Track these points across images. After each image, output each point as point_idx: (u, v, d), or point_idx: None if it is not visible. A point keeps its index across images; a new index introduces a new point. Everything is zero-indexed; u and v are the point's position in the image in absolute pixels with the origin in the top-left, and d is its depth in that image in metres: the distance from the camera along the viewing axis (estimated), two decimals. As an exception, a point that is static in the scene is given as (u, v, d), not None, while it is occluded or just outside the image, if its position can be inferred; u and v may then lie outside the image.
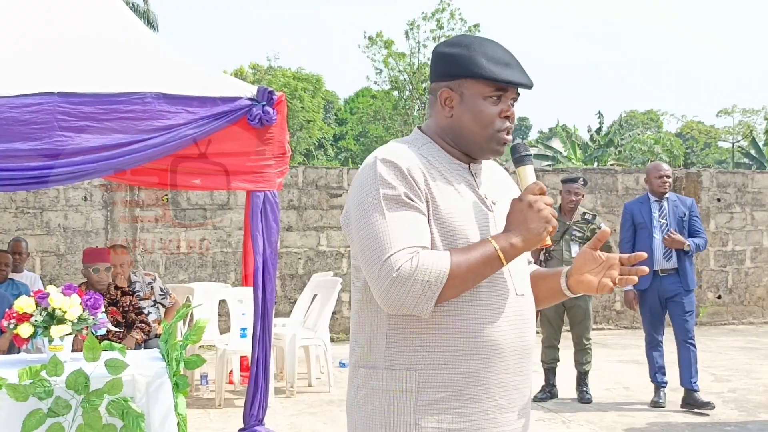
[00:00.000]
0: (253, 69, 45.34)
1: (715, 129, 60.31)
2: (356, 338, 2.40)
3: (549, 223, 2.27)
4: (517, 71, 2.36)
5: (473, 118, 2.35)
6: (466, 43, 2.38)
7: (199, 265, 11.35)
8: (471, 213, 2.33)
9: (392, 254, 2.15)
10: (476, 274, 2.21)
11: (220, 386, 7.65)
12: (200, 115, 5.73)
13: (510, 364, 2.32)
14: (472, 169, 2.43)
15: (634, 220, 7.64)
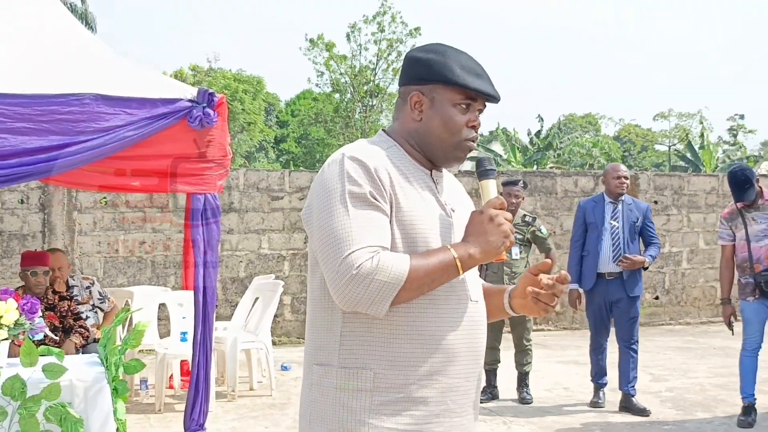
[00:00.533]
0: (193, 70, 45.04)
1: (652, 132, 61.31)
2: (311, 335, 2.41)
3: (507, 238, 2.31)
4: (488, 83, 2.43)
5: (442, 123, 2.40)
6: (441, 51, 2.43)
7: (138, 268, 11.22)
8: (432, 218, 2.36)
9: (353, 251, 2.16)
10: (433, 279, 2.23)
11: (160, 391, 7.57)
12: (139, 116, 5.66)
13: (462, 369, 2.35)
14: (434, 176, 2.47)
15: (586, 219, 7.63)
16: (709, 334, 12.61)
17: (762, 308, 6.98)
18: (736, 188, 6.93)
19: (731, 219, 7.12)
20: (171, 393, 8.12)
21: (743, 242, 7.01)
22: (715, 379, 9.00)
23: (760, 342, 7.05)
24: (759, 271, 6.89)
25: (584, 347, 10.20)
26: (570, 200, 13.16)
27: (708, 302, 13.91)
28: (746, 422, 6.95)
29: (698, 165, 32.20)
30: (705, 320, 13.82)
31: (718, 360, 10.22)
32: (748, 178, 6.88)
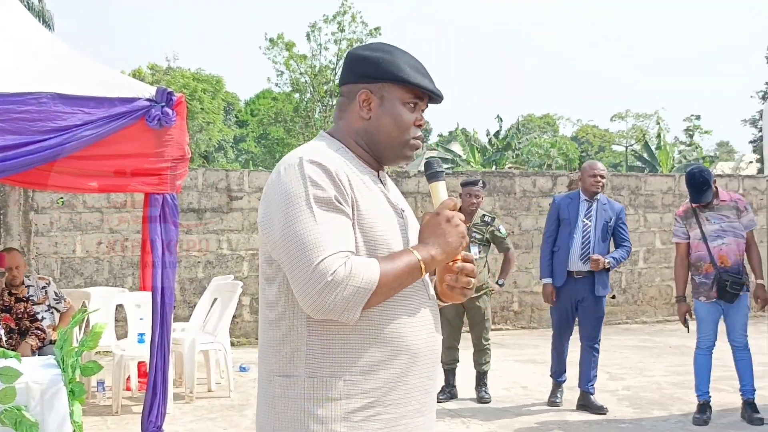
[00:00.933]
0: (152, 69, 44.71)
1: (609, 133, 61.89)
2: (270, 345, 2.33)
3: (464, 239, 2.34)
4: (433, 83, 2.44)
5: (392, 121, 2.40)
6: (388, 50, 2.43)
7: (95, 269, 11.12)
8: (389, 220, 2.36)
9: (325, 257, 2.12)
10: (400, 283, 2.23)
11: (117, 393, 7.50)
12: (97, 116, 5.61)
13: (425, 368, 2.35)
14: (381, 177, 2.47)
15: (560, 215, 7.58)
16: (665, 332, 12.75)
17: (715, 308, 7.07)
18: (694, 189, 6.99)
19: (686, 217, 7.19)
20: (128, 395, 8.06)
21: (697, 241, 7.09)
22: (671, 378, 9.10)
23: (713, 340, 7.14)
24: (719, 269, 6.96)
25: (542, 346, 10.28)
26: (528, 200, 13.24)
27: (664, 301, 14.06)
28: (701, 420, 7.04)
29: (655, 165, 32.51)
30: (661, 319, 13.97)
31: (674, 358, 10.34)
32: (706, 179, 6.95)
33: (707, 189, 6.95)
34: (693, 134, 50.16)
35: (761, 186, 14.46)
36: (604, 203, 7.56)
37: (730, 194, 7.22)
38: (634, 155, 40.40)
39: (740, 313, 7.06)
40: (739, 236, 7.04)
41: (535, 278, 13.04)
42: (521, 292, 13.14)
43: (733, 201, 7.12)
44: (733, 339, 7.10)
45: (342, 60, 37.59)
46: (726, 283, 6.93)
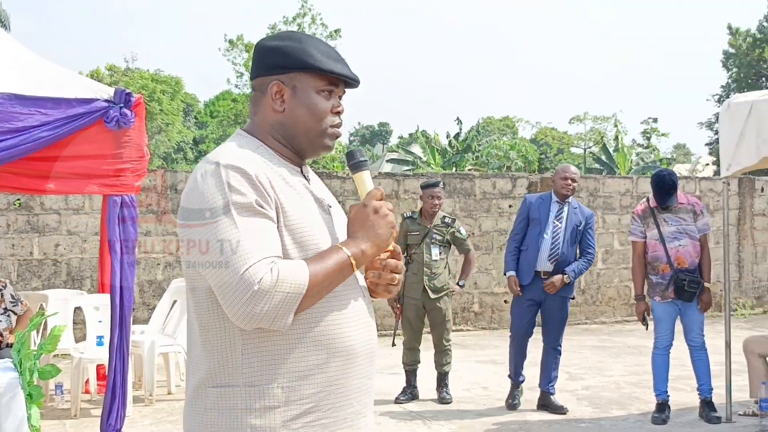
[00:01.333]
0: (110, 70, 44.38)
1: (567, 135, 62.33)
2: (201, 356, 2.22)
3: (394, 229, 2.28)
4: (347, 67, 2.35)
5: (307, 111, 2.30)
6: (297, 37, 2.34)
7: (53, 271, 11.01)
8: (316, 218, 2.28)
9: (251, 266, 2.04)
10: (331, 282, 2.17)
11: (75, 396, 7.43)
12: (54, 117, 5.57)
13: (362, 368, 2.29)
14: (304, 172, 2.39)
15: (530, 214, 7.54)
16: (623, 333, 12.87)
17: (672, 307, 7.16)
18: (661, 192, 7.04)
19: (644, 217, 7.26)
20: (87, 398, 7.99)
21: (654, 242, 7.17)
22: (630, 377, 9.19)
23: (670, 340, 7.21)
24: (676, 270, 7.05)
25: (502, 347, 10.31)
26: (488, 202, 13.30)
27: (623, 302, 14.19)
28: (660, 419, 7.11)
29: (613, 167, 32.77)
30: (620, 319, 14.09)
31: (632, 358, 10.43)
32: (674, 183, 7.05)
33: (674, 192, 7.04)
34: (650, 137, 50.68)
35: (717, 188, 14.65)
36: (575, 207, 7.58)
37: (687, 197, 7.32)
38: (593, 157, 40.72)
39: (697, 313, 7.15)
40: (695, 239, 7.14)
41: (495, 279, 13.11)
42: (482, 293, 13.19)
43: (690, 204, 7.21)
44: (691, 339, 7.18)
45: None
46: (683, 282, 7.02)
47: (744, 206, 15.04)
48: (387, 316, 11.24)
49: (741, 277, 15.00)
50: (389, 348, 8.38)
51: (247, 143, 2.30)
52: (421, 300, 7.91)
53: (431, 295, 7.90)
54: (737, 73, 41.90)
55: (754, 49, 40.64)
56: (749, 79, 40.58)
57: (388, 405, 7.87)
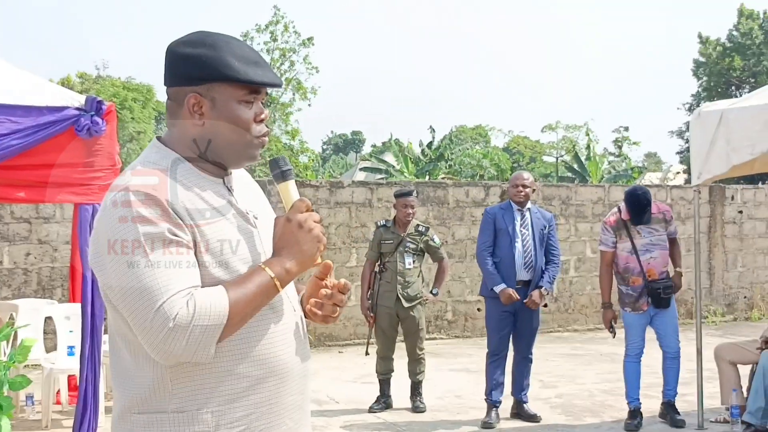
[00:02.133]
0: (81, 78, 44.15)
1: (540, 144, 62.71)
2: (127, 382, 2.12)
3: (321, 243, 2.18)
4: (267, 70, 2.21)
5: (230, 124, 2.16)
6: (210, 42, 2.15)
7: (23, 281, 10.90)
8: (240, 235, 2.17)
9: (164, 302, 1.94)
10: (254, 307, 2.08)
11: (46, 407, 7.35)
12: (25, 125, 5.53)
13: (296, 384, 2.24)
14: (227, 183, 2.24)
15: (496, 225, 7.46)
16: (596, 340, 12.90)
17: (643, 317, 7.20)
18: (636, 210, 7.05)
19: (617, 228, 7.28)
20: (58, 409, 7.90)
21: (627, 254, 7.21)
22: (603, 385, 9.22)
23: (642, 347, 7.25)
24: (647, 282, 7.11)
25: (476, 355, 10.33)
26: (461, 210, 13.32)
27: (595, 309, 14.23)
28: (632, 425, 7.14)
29: (585, 176, 32.95)
30: (592, 327, 14.13)
31: (605, 366, 10.47)
32: (649, 201, 7.07)
33: (648, 210, 7.08)
34: (622, 145, 51.08)
35: (688, 196, 14.75)
36: (535, 212, 7.56)
37: (658, 205, 7.37)
38: (565, 166, 40.93)
39: (671, 318, 7.21)
40: (665, 249, 7.22)
41: (468, 287, 13.12)
42: (455, 301, 13.20)
43: (661, 213, 7.29)
44: (667, 345, 7.23)
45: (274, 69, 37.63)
46: (658, 291, 7.07)
47: (715, 214, 15.16)
48: (360, 324, 11.24)
49: (712, 285, 15.10)
50: (363, 357, 8.37)
51: (162, 158, 2.16)
52: (395, 308, 7.90)
53: (405, 304, 7.89)
54: (707, 82, 42.30)
55: (724, 58, 41.06)
56: (719, 87, 40.98)
57: (362, 414, 7.85)
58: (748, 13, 41.43)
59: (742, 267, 15.42)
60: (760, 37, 40.78)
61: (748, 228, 15.45)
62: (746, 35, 40.96)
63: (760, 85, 32.91)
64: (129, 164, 2.23)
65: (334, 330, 12.07)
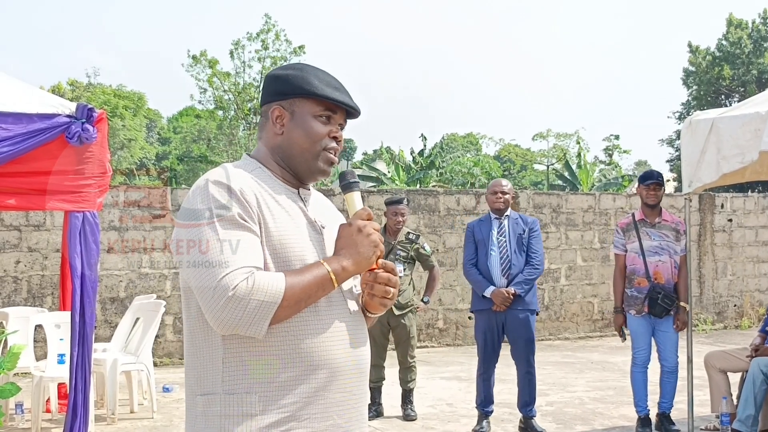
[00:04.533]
0: (72, 86, 44.06)
1: (531, 152, 62.77)
2: (192, 364, 2.34)
3: (377, 248, 2.37)
4: (346, 96, 2.47)
5: (303, 134, 2.42)
6: (300, 67, 2.47)
7: (13, 289, 10.87)
8: (302, 236, 2.36)
9: (228, 273, 2.14)
10: (309, 295, 2.24)
11: (36, 415, 7.32)
12: (15, 132, 5.52)
13: (347, 383, 2.34)
14: (302, 194, 2.48)
15: (475, 237, 7.45)
16: (587, 348, 12.94)
17: (647, 321, 7.19)
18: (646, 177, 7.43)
19: (627, 230, 7.35)
20: (48, 417, 7.88)
21: (634, 254, 7.25)
22: (593, 393, 9.23)
23: (648, 355, 7.24)
24: (653, 284, 7.13)
25: (467, 363, 10.34)
26: (452, 218, 13.34)
27: (586, 317, 14.27)
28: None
29: (576, 184, 33.03)
30: (583, 335, 14.17)
31: (595, 374, 10.49)
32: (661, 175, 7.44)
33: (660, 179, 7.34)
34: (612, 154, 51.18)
35: (679, 204, 14.79)
36: (515, 218, 7.45)
37: (672, 216, 7.44)
38: (556, 174, 41.03)
39: (671, 332, 7.20)
40: (674, 257, 7.23)
41: (459, 295, 13.14)
42: (446, 309, 13.21)
43: (674, 223, 7.34)
44: (664, 359, 7.23)
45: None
46: (658, 295, 7.08)
47: (705, 222, 15.21)
48: (351, 332, 11.22)
49: (702, 293, 15.15)
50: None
51: (246, 164, 2.43)
52: (386, 317, 7.89)
53: (396, 312, 7.89)
54: (697, 91, 42.47)
55: (714, 67, 41.24)
56: (709, 96, 41.14)
57: (353, 422, 7.83)
58: (737, 23, 41.64)
59: (731, 275, 15.47)
60: (750, 46, 40.97)
61: (738, 236, 15.51)
62: (735, 44, 41.15)
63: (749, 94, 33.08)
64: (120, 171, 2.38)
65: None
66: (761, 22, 41.23)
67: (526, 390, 7.37)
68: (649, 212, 7.33)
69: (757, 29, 41.25)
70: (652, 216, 7.32)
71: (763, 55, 40.34)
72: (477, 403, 7.49)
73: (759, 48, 40.79)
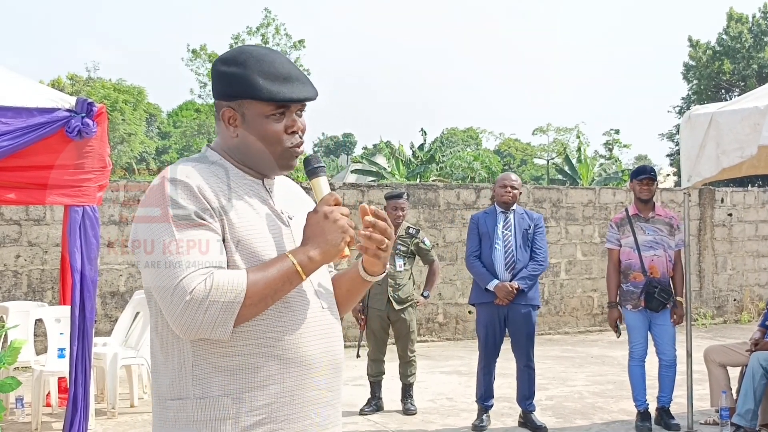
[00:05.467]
0: (71, 80, 44.05)
1: (531, 146, 62.73)
2: (161, 369, 2.26)
3: (346, 233, 2.26)
4: (298, 84, 2.30)
5: (259, 138, 2.29)
6: (242, 60, 2.27)
7: (13, 283, 10.88)
8: (268, 229, 2.27)
9: (185, 276, 2.06)
10: (275, 290, 2.16)
11: (36, 409, 7.33)
12: (15, 126, 5.52)
13: (322, 380, 2.28)
14: (266, 185, 2.38)
15: (479, 230, 7.44)
16: (586, 343, 12.94)
17: (644, 315, 7.21)
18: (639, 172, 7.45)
19: (621, 225, 7.36)
20: (48, 411, 7.89)
21: (629, 249, 7.26)
22: (593, 387, 9.24)
23: (645, 349, 7.25)
24: (649, 279, 7.14)
25: (467, 357, 10.35)
26: (452, 213, 13.34)
27: (585, 312, 14.28)
28: (645, 428, 7.16)
29: (576, 178, 32.99)
30: (583, 329, 14.18)
31: (595, 368, 10.50)
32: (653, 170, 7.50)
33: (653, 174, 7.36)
34: (612, 148, 51.16)
35: (678, 199, 14.79)
36: (520, 213, 7.46)
37: (665, 211, 7.45)
38: (556, 168, 41.00)
39: (668, 325, 7.21)
40: (669, 251, 7.25)
41: (459, 290, 13.14)
42: (446, 303, 13.22)
43: (668, 217, 7.35)
44: (662, 352, 7.24)
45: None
46: (654, 290, 7.10)
47: (704, 217, 15.21)
48: (351, 327, 11.22)
49: (702, 288, 15.15)
50: (354, 359, 8.37)
51: (203, 158, 2.34)
52: (386, 311, 7.90)
53: (396, 306, 7.89)
54: (697, 85, 42.42)
55: (714, 62, 41.18)
56: (709, 91, 41.09)
57: (353, 416, 7.85)
58: (737, 17, 41.58)
59: (731, 270, 15.47)
60: (750, 40, 40.92)
61: (738, 231, 15.51)
62: (736, 39, 41.10)
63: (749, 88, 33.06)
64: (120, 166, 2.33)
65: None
66: (761, 16, 41.17)
67: (525, 384, 7.38)
68: (643, 207, 7.35)
69: (758, 23, 41.19)
70: (646, 211, 7.34)
71: (763, 50, 40.29)
72: (477, 397, 7.50)
73: (759, 42, 40.74)
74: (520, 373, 7.40)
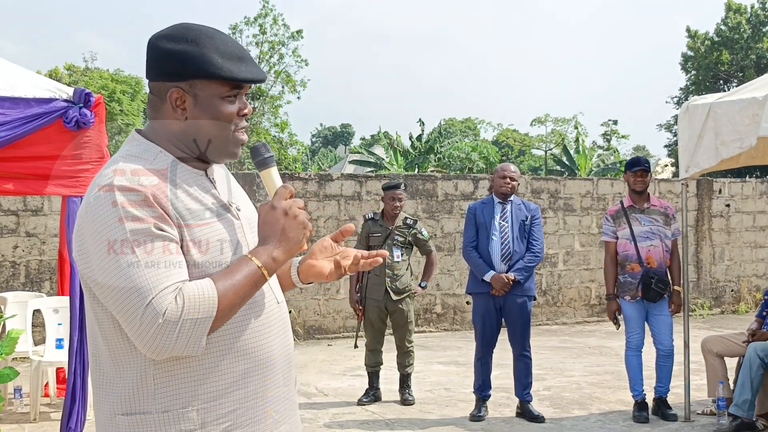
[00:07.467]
0: (69, 70, 43.98)
1: (529, 137, 62.70)
2: (111, 382, 2.10)
3: (306, 229, 2.16)
4: (251, 64, 2.19)
5: (213, 120, 2.14)
6: (193, 38, 2.12)
7: (11, 273, 10.87)
8: (224, 226, 2.16)
9: (153, 298, 1.93)
10: (243, 297, 2.07)
11: (35, 399, 7.34)
12: (12, 116, 5.51)
13: (281, 376, 2.23)
14: (209, 175, 2.25)
15: (477, 220, 7.45)
16: (584, 333, 12.96)
17: (641, 306, 7.22)
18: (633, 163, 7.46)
19: (616, 217, 7.38)
20: (47, 401, 7.89)
21: (625, 241, 7.27)
22: (591, 378, 9.25)
23: (642, 339, 7.28)
24: (646, 269, 7.15)
25: (465, 348, 10.37)
26: (450, 203, 13.34)
27: (583, 302, 14.30)
28: (642, 417, 7.18)
29: (574, 169, 33.03)
30: (580, 320, 14.19)
31: (593, 359, 10.51)
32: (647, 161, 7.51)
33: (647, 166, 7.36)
34: (610, 139, 51.21)
35: (676, 189, 14.80)
36: (518, 204, 7.46)
37: (660, 201, 7.48)
38: (554, 159, 40.99)
39: (665, 315, 7.23)
40: (665, 241, 7.27)
41: (457, 280, 13.14)
42: (444, 294, 13.22)
43: (663, 207, 7.37)
44: (660, 342, 7.25)
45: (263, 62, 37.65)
46: (651, 280, 7.11)
47: (702, 208, 15.22)
48: (349, 318, 11.24)
49: (699, 278, 15.17)
50: (352, 350, 8.38)
51: (144, 152, 2.15)
52: (384, 301, 7.90)
53: (393, 297, 7.89)
54: (696, 76, 42.38)
55: (712, 52, 41.14)
56: (707, 81, 41.06)
57: (351, 407, 7.86)
58: (735, 8, 41.52)
59: (729, 260, 15.49)
60: (748, 31, 40.87)
61: (736, 221, 15.52)
62: (734, 29, 41.05)
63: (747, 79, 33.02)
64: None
65: (323, 323, 12.07)
66: (760, 7, 41.11)
67: (522, 373, 7.42)
68: (637, 198, 7.37)
69: (756, 14, 41.13)
70: (641, 202, 7.36)
71: (761, 40, 40.25)
72: (475, 387, 7.52)
73: (758, 33, 40.70)
74: (516, 362, 7.43)
